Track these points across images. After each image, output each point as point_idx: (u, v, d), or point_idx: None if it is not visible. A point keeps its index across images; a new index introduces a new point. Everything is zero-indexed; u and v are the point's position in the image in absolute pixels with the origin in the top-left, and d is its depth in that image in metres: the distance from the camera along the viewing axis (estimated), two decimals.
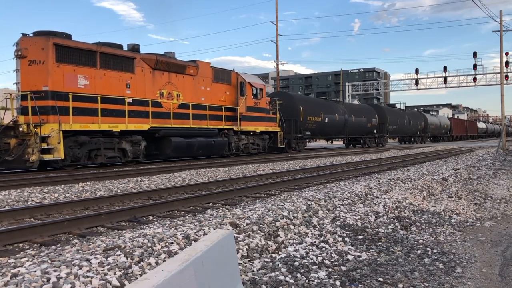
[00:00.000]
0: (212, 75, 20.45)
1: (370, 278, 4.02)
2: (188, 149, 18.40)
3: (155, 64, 17.40)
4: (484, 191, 9.89)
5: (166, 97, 17.97)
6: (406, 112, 48.74)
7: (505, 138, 31.44)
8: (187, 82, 19.04)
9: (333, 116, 31.31)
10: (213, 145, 19.68)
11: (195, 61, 19.77)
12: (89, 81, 15.03)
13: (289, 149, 26.41)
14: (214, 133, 19.98)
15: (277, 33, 39.91)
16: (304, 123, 27.57)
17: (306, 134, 28.15)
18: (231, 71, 21.92)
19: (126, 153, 16.23)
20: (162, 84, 17.87)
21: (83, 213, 6.96)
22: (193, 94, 19.29)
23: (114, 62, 15.95)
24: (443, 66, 48.20)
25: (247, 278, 3.81)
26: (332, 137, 34.80)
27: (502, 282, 4.07)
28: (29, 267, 3.36)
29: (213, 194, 8.45)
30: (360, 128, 36.12)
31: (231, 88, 21.62)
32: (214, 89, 20.53)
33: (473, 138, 78.78)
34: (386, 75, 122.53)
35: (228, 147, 21.14)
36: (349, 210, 6.78)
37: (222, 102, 20.86)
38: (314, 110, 28.97)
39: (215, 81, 20.61)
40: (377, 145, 39.30)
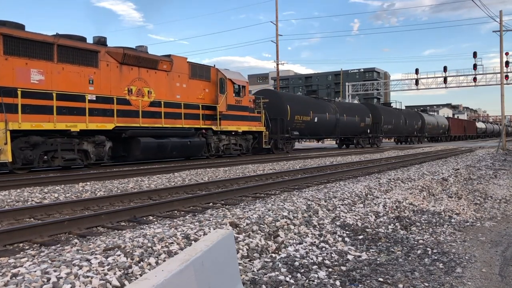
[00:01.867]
0: (189, 71, 19.11)
1: (370, 278, 4.02)
2: (160, 150, 17.08)
3: (122, 58, 16.03)
4: (484, 191, 9.89)
5: (135, 94, 16.60)
6: (402, 112, 47.56)
7: (505, 138, 31.43)
8: (160, 78, 17.71)
9: (323, 115, 30.07)
10: (189, 146, 18.36)
11: (169, 55, 18.42)
12: (44, 76, 13.66)
13: (276, 150, 25.30)
14: (190, 133, 18.70)
15: (277, 33, 39.93)
16: (292, 123, 26.31)
17: (294, 134, 26.92)
18: (211, 67, 20.53)
19: (88, 155, 14.96)
20: (131, 80, 16.52)
21: (83, 213, 6.96)
22: (167, 91, 17.98)
23: (75, 56, 14.59)
24: (443, 66, 48.27)
25: (247, 278, 3.81)
26: (322, 137, 33.54)
27: (502, 282, 4.07)
28: (29, 267, 3.36)
29: (213, 194, 8.45)
30: (353, 127, 34.87)
31: (210, 85, 20.25)
32: (191, 86, 19.17)
33: (472, 138, 77.98)
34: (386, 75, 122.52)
35: (207, 148, 19.96)
36: (349, 210, 6.77)
37: (200, 100, 19.53)
38: (302, 109, 27.69)
39: (193, 77, 19.28)
40: (371, 145, 38.14)
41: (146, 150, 16.36)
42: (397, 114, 44.41)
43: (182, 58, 18.97)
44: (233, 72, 21.98)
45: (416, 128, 49.56)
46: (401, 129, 44.89)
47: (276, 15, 39.74)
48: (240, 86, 21.83)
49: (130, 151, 16.39)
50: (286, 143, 26.21)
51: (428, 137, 57.15)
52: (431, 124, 54.47)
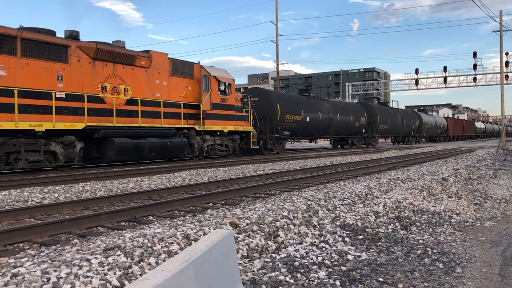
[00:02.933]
0: (170, 68, 18.04)
1: (370, 278, 4.02)
2: (137, 151, 16.03)
3: (95, 54, 15.06)
4: (484, 191, 9.89)
5: (110, 91, 15.60)
6: (399, 111, 46.51)
7: (505, 138, 31.45)
8: (137, 75, 16.67)
9: (315, 115, 29.10)
10: (169, 146, 17.30)
11: (148, 51, 17.37)
12: (6, 72, 12.68)
13: (265, 151, 24.32)
14: (171, 133, 17.61)
15: (277, 33, 39.94)
16: (282, 122, 25.51)
17: (284, 134, 25.99)
18: (194, 63, 19.50)
19: (56, 156, 13.97)
20: (105, 77, 15.52)
21: (83, 213, 6.96)
22: (145, 89, 16.97)
23: (41, 50, 13.55)
24: (443, 66, 48.29)
25: (247, 278, 3.81)
26: (315, 137, 32.48)
27: (502, 282, 4.07)
28: (29, 267, 3.36)
29: (213, 194, 8.45)
30: (347, 127, 33.90)
31: (194, 83, 19.19)
32: (172, 84, 18.12)
33: (471, 138, 77.30)
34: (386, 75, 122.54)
35: (190, 149, 19.02)
36: (349, 210, 6.77)
37: (182, 99, 18.50)
38: (293, 108, 26.83)
39: (174, 74, 18.20)
40: (367, 145, 37.13)
41: (121, 151, 15.36)
42: (394, 114, 43.57)
43: (163, 54, 17.98)
44: (218, 69, 20.98)
45: (414, 128, 48.78)
46: (398, 129, 44.10)
47: (276, 15, 39.76)
48: (226, 83, 20.85)
49: (104, 152, 15.46)
50: (276, 144, 25.38)
51: (426, 137, 56.43)
52: (429, 124, 53.75)
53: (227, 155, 21.46)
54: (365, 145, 37.06)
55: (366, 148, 35.32)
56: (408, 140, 48.94)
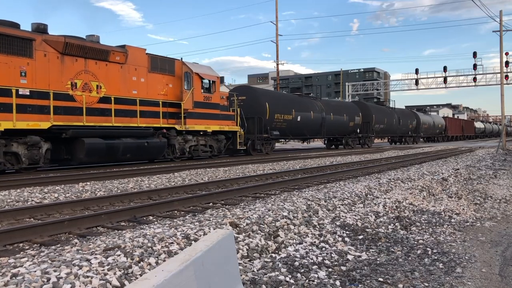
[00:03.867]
0: (149, 64, 17.02)
1: (370, 278, 4.02)
2: (110, 152, 15.04)
3: (63, 48, 14.07)
4: (484, 191, 9.89)
5: (80, 88, 14.60)
6: (396, 111, 45.38)
7: (505, 138, 31.45)
8: (112, 71, 15.67)
9: (307, 114, 28.02)
10: (147, 147, 16.28)
11: (123, 46, 16.29)
12: None
13: (253, 151, 23.28)
14: (148, 133, 16.56)
15: (277, 33, 39.94)
16: (271, 122, 24.49)
17: (274, 134, 24.93)
18: (175, 59, 18.40)
19: (19, 158, 13.02)
20: (76, 73, 14.55)
21: (83, 213, 6.96)
22: (121, 86, 15.95)
23: (1, 44, 12.68)
24: (443, 66, 48.24)
25: (247, 278, 3.81)
26: (307, 137, 31.12)
27: (502, 282, 4.07)
28: (29, 267, 3.36)
29: (213, 194, 8.45)
30: (341, 127, 32.78)
31: (175, 80, 18.15)
32: (151, 81, 17.09)
33: (471, 138, 76.49)
34: (386, 75, 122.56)
35: (171, 150, 17.98)
36: (349, 210, 6.77)
37: (162, 97, 17.50)
38: (283, 107, 25.80)
39: (153, 71, 17.18)
40: (362, 145, 36.16)
41: (92, 152, 14.38)
42: (390, 113, 42.56)
43: (140, 49, 16.93)
44: (201, 66, 19.91)
45: (411, 128, 47.92)
46: (394, 129, 43.09)
47: (276, 15, 39.77)
48: (210, 81, 19.69)
49: (74, 153, 14.44)
50: (266, 144, 24.34)
51: (424, 137, 55.63)
52: (426, 124, 52.84)
53: (212, 156, 20.27)
54: (360, 145, 36.17)
55: (362, 148, 34.52)
56: (406, 140, 48.09)
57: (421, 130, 50.70)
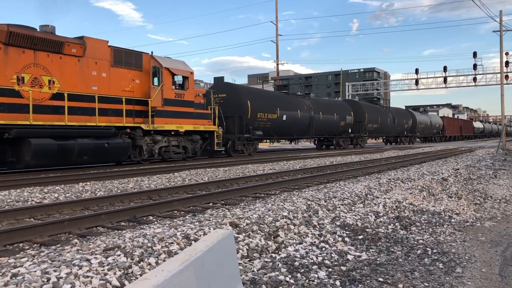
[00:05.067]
0: (112, 57, 15.59)
1: (370, 278, 4.02)
2: (63, 154, 13.56)
3: (7, 38, 12.74)
4: (484, 191, 9.89)
5: (29, 83, 13.24)
6: (390, 110, 43.64)
7: (505, 138, 31.46)
8: (67, 64, 14.25)
9: (293, 113, 26.60)
10: (107, 149, 14.80)
11: (82, 37, 14.88)
12: None
13: (234, 153, 22.00)
14: (109, 133, 15.09)
15: (277, 33, 39.96)
16: (254, 121, 23.02)
17: (257, 134, 23.42)
18: (143, 53, 16.90)
19: None
20: (23, 66, 13.19)
21: (83, 213, 6.96)
22: (78, 81, 14.58)
23: None
24: (443, 66, 48.20)
25: (247, 278, 3.81)
26: (293, 137, 29.33)
27: (502, 282, 4.07)
28: (29, 267, 3.36)
29: (213, 194, 8.45)
30: (331, 127, 31.28)
31: (142, 75, 16.70)
32: (114, 76, 15.63)
33: (469, 138, 75.18)
34: (386, 75, 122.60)
35: (138, 151, 16.53)
36: (349, 210, 6.78)
37: (128, 93, 16.02)
38: (267, 105, 24.29)
39: (116, 65, 15.73)
40: (354, 146, 34.79)
41: (40, 154, 12.96)
42: (384, 112, 40.96)
43: (101, 41, 15.46)
44: (173, 60, 18.31)
45: (407, 128, 46.38)
46: (388, 129, 41.42)
47: (276, 15, 39.78)
48: (183, 77, 18.20)
49: (20, 155, 13.02)
50: (248, 145, 23.01)
51: (421, 138, 54.37)
52: (423, 124, 51.42)
53: (186, 158, 18.78)
54: (352, 145, 34.80)
55: (354, 148, 33.34)
56: (401, 141, 46.65)
57: (417, 130, 49.51)
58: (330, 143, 33.33)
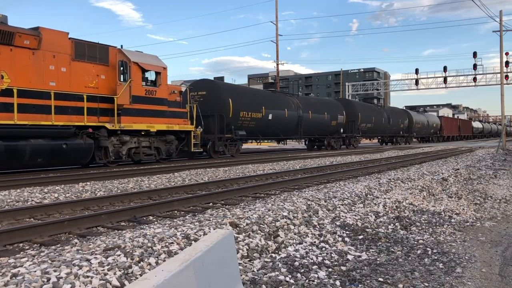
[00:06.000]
0: (72, 51, 14.24)
1: (370, 278, 4.02)
2: (12, 156, 12.18)
3: None
4: (484, 191, 9.89)
5: None
6: (385, 109, 42.70)
7: (505, 138, 31.46)
8: (19, 58, 12.95)
9: (280, 112, 25.37)
10: (65, 150, 13.41)
11: (37, 28, 13.59)
12: None
13: (215, 154, 20.72)
14: (68, 133, 13.70)
15: (277, 33, 39.95)
16: (236, 120, 21.81)
17: (239, 134, 22.15)
18: (109, 46, 15.58)
19: None
20: None
21: (83, 213, 6.96)
22: (32, 76, 13.23)
23: None
24: (443, 66, 48.22)
25: (247, 278, 3.81)
26: (280, 137, 27.59)
27: (502, 282, 4.07)
28: (29, 267, 3.36)
29: (213, 194, 8.45)
30: (321, 126, 29.97)
31: (109, 71, 15.37)
32: (75, 71, 14.31)
33: (468, 138, 74.10)
34: (386, 75, 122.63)
35: (104, 153, 15.15)
36: (349, 210, 6.78)
37: (92, 90, 14.75)
38: (250, 104, 22.99)
39: (78, 59, 14.40)
40: (347, 146, 33.60)
41: None
42: (379, 112, 39.69)
43: (60, 33, 14.14)
44: (144, 55, 16.86)
45: (402, 128, 45.33)
46: (383, 128, 40.14)
47: (276, 15, 39.78)
48: (154, 72, 16.77)
49: None
50: (230, 145, 21.81)
51: (418, 138, 53.38)
52: (420, 123, 50.45)
53: (160, 160, 17.40)
54: (345, 146, 33.62)
55: (347, 149, 32.23)
56: (397, 141, 45.45)
57: (414, 129, 48.55)
58: (321, 144, 32.00)
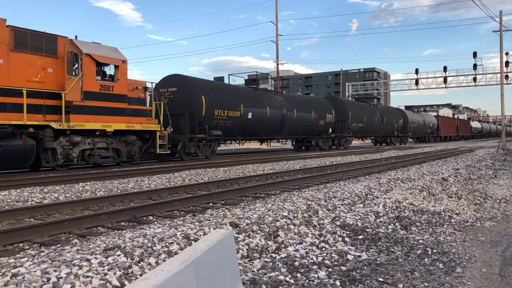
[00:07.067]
0: (11, 40, 12.73)
1: (370, 278, 4.02)
2: None
3: None
4: (484, 191, 9.89)
5: None
6: (378, 108, 40.83)
7: (505, 138, 31.47)
8: None
9: (261, 111, 23.64)
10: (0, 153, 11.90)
11: None
12: None
13: (186, 156, 19.08)
14: (4, 133, 12.14)
15: (277, 33, 39.97)
16: (210, 119, 20.15)
17: (214, 134, 20.34)
18: (58, 36, 13.94)
19: None
20: None
21: (83, 213, 6.96)
22: None
23: None
24: (443, 66, 48.22)
25: (247, 278, 3.81)
26: (262, 137, 25.43)
27: (502, 282, 4.07)
28: (29, 267, 3.37)
29: (213, 194, 8.46)
30: (308, 126, 28.26)
31: (58, 64, 13.82)
32: (15, 63, 12.81)
33: (466, 138, 72.82)
34: (386, 75, 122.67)
35: (52, 156, 13.55)
36: (349, 210, 6.78)
37: (36, 84, 13.26)
38: (227, 101, 21.30)
39: (19, 49, 12.92)
40: (336, 147, 32.16)
41: None
42: (371, 111, 37.85)
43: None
44: (99, 46, 15.14)
45: (397, 127, 43.75)
46: (376, 128, 38.52)
47: (276, 15, 39.80)
48: (112, 66, 15.06)
49: None
50: (205, 146, 20.06)
51: (414, 138, 52.43)
52: (415, 123, 49.07)
53: (120, 163, 15.69)
54: (335, 146, 32.10)
55: (337, 150, 30.81)
56: (391, 141, 43.79)
57: (409, 129, 47.22)
58: (309, 144, 30.26)
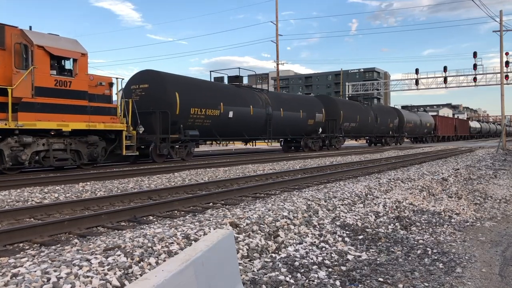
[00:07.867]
0: None
1: (370, 278, 4.03)
2: None
3: None
4: (484, 191, 9.89)
5: None
6: (372, 107, 39.24)
7: (505, 138, 31.47)
8: None
9: (244, 109, 22.08)
10: None
11: None
12: None
13: (159, 158, 17.65)
14: None
15: (277, 33, 39.98)
16: (186, 118, 18.56)
17: (190, 134, 18.74)
18: (5, 25, 12.44)
19: None
20: None
21: (83, 213, 6.96)
22: None
23: None
24: (443, 66, 48.19)
25: (247, 278, 3.81)
26: (245, 138, 23.76)
27: (502, 282, 4.07)
28: (29, 267, 3.37)
29: (213, 194, 8.46)
30: (295, 126, 26.85)
31: (6, 56, 12.38)
32: None
33: (465, 138, 71.58)
34: (386, 75, 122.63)
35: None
36: (349, 210, 6.78)
37: None
38: (204, 99, 19.63)
39: None
40: (328, 148, 30.43)
41: None
42: (365, 110, 36.31)
43: None
44: (56, 38, 13.64)
45: (392, 127, 42.10)
46: (370, 128, 37.10)
47: (276, 15, 39.81)
48: (70, 59, 13.62)
49: None
50: (180, 148, 18.55)
51: (410, 138, 51.47)
52: (412, 123, 47.63)
53: (81, 165, 14.28)
54: (326, 147, 30.48)
55: (328, 150, 29.20)
56: (386, 141, 42.03)
57: (405, 129, 45.65)
58: (298, 145, 28.75)
